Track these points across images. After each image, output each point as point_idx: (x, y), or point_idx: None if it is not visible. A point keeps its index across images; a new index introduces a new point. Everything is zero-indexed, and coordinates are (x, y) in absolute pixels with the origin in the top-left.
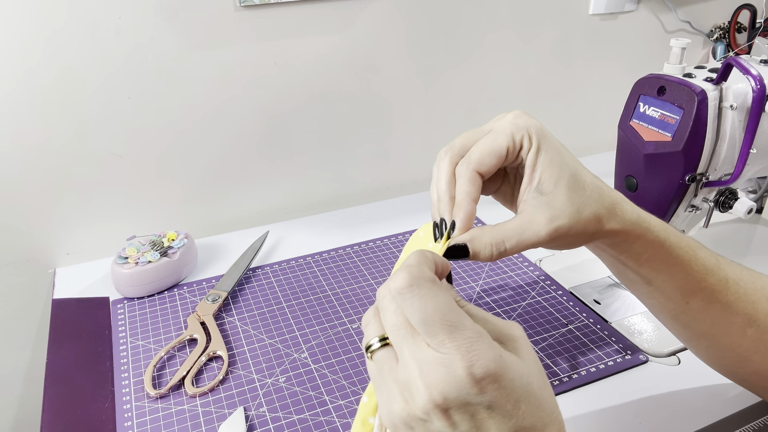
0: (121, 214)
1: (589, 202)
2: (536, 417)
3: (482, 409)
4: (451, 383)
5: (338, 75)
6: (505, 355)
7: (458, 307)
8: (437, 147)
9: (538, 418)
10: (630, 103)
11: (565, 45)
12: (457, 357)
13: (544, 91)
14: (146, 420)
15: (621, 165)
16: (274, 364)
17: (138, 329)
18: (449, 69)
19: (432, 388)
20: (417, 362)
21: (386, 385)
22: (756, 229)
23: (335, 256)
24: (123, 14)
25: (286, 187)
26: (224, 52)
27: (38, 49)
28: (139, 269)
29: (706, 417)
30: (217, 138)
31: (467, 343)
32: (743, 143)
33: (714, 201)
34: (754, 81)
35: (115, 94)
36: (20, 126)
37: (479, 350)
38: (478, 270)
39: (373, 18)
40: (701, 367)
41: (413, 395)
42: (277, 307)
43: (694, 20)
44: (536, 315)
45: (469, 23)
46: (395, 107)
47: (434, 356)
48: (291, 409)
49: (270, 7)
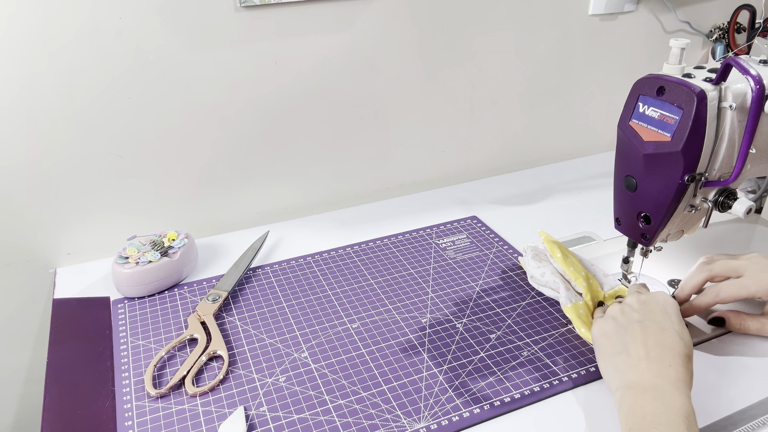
0: (121, 214)
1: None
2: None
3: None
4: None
5: (338, 75)
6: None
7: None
8: (437, 147)
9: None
10: (629, 103)
11: (565, 45)
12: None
13: (544, 91)
14: (146, 419)
15: (620, 165)
16: (274, 363)
17: (138, 329)
18: (449, 69)
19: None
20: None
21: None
22: (755, 229)
23: (335, 256)
24: (124, 15)
25: (286, 187)
26: (225, 53)
27: (39, 49)
28: (140, 269)
29: (706, 417)
30: (217, 138)
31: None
32: (742, 143)
33: (713, 201)
34: (753, 81)
35: (115, 95)
36: (21, 126)
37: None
38: (477, 270)
39: (373, 18)
40: (701, 367)
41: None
42: (277, 307)
43: (693, 20)
44: (536, 315)
45: (468, 23)
46: (395, 107)
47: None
48: (291, 408)
49: (270, 8)
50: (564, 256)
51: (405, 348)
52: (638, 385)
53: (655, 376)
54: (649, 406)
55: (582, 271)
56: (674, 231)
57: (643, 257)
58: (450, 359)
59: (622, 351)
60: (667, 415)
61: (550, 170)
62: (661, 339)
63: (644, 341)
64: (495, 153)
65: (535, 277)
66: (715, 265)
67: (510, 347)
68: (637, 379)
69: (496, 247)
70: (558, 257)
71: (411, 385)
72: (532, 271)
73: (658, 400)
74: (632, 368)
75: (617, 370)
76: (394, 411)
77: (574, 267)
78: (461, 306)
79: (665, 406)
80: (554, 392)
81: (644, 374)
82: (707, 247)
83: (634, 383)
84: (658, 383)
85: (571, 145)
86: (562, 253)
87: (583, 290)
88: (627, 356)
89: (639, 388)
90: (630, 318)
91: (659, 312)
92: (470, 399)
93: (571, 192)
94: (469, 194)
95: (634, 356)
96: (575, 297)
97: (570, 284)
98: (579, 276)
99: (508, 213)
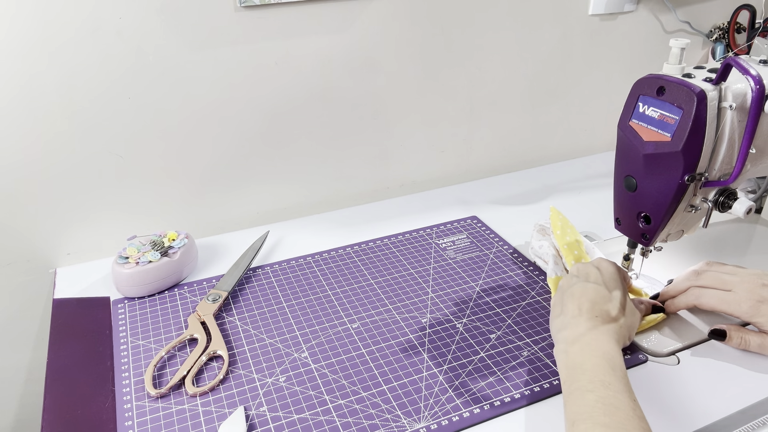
0: (121, 214)
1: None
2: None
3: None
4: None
5: (338, 75)
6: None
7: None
8: (437, 147)
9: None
10: (629, 103)
11: (565, 45)
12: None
13: (544, 91)
14: (147, 419)
15: (620, 165)
16: (274, 363)
17: (138, 329)
18: (449, 69)
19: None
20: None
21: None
22: (755, 229)
23: (335, 256)
24: (124, 15)
25: (286, 187)
26: (225, 53)
27: (39, 50)
28: (140, 269)
29: (706, 417)
30: (217, 138)
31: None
32: (742, 143)
33: (713, 201)
34: (753, 81)
35: (115, 95)
36: (21, 126)
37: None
38: (477, 270)
39: (373, 18)
40: (701, 367)
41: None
42: (277, 307)
43: (693, 20)
44: (536, 315)
45: (468, 23)
46: (395, 107)
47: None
48: (291, 408)
49: (270, 8)
50: (563, 233)
51: (405, 348)
52: (569, 340)
53: (583, 328)
54: (577, 357)
55: (575, 250)
56: (674, 231)
57: (643, 257)
58: (450, 359)
59: (560, 313)
60: (592, 360)
61: (550, 170)
62: (591, 295)
63: (578, 299)
64: (495, 153)
65: (534, 248)
66: (705, 276)
67: (510, 347)
68: (569, 334)
69: (496, 247)
70: (557, 234)
71: (411, 385)
72: (534, 242)
73: (584, 350)
74: (566, 326)
75: (556, 331)
76: (394, 411)
77: (568, 246)
78: (461, 306)
79: (590, 352)
80: (554, 392)
81: (575, 329)
82: (707, 247)
83: (567, 339)
84: (585, 333)
85: (571, 145)
86: (562, 231)
87: (570, 267)
88: (563, 316)
89: (569, 343)
90: (570, 283)
91: (593, 273)
92: (470, 399)
93: (571, 192)
94: (469, 194)
95: (568, 315)
96: (561, 272)
97: (561, 260)
98: (570, 254)
99: (508, 213)
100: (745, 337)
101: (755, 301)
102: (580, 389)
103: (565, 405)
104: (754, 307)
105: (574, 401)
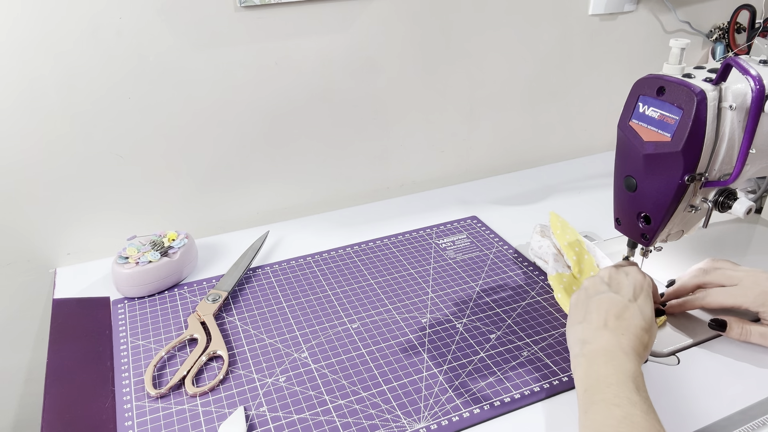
0: (121, 214)
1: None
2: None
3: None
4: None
5: (338, 75)
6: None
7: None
8: (437, 147)
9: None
10: (629, 103)
11: (565, 45)
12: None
13: (544, 91)
14: (146, 420)
15: (620, 165)
16: (274, 363)
17: (138, 329)
18: (449, 69)
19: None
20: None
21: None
22: (755, 229)
23: (335, 256)
24: (124, 15)
25: (286, 187)
26: (225, 53)
27: (39, 50)
28: (140, 269)
29: (706, 417)
30: (217, 138)
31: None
32: (742, 143)
33: (713, 201)
34: (753, 81)
35: (115, 95)
36: (22, 127)
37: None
38: (477, 270)
39: (373, 18)
40: (701, 367)
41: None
42: (277, 307)
43: (693, 20)
44: (536, 315)
45: (468, 23)
46: (395, 107)
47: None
48: (291, 408)
49: (270, 8)
50: (563, 233)
51: (405, 348)
52: (593, 350)
53: (608, 343)
54: (602, 369)
55: (576, 247)
56: (674, 231)
57: (643, 257)
58: (450, 359)
59: (584, 319)
60: (618, 376)
61: (550, 170)
62: (621, 312)
63: (605, 312)
64: (495, 153)
65: (534, 249)
66: (712, 274)
67: (510, 347)
68: (593, 345)
69: (496, 247)
70: (557, 233)
71: (411, 385)
72: (533, 243)
73: (609, 363)
74: (590, 335)
75: (577, 337)
76: (394, 411)
77: (569, 244)
78: (461, 306)
79: (616, 368)
80: (554, 392)
81: (599, 341)
82: (707, 247)
83: (590, 349)
84: (610, 349)
85: (571, 145)
86: (561, 230)
87: (572, 263)
88: (587, 324)
89: (593, 353)
90: (598, 290)
91: (626, 286)
92: (470, 399)
93: (571, 192)
94: (469, 194)
95: (592, 325)
96: (563, 269)
97: (562, 257)
98: (571, 251)
99: (508, 213)
100: (746, 327)
101: (762, 291)
102: (606, 401)
103: (584, 412)
104: (761, 296)
105: (598, 411)
